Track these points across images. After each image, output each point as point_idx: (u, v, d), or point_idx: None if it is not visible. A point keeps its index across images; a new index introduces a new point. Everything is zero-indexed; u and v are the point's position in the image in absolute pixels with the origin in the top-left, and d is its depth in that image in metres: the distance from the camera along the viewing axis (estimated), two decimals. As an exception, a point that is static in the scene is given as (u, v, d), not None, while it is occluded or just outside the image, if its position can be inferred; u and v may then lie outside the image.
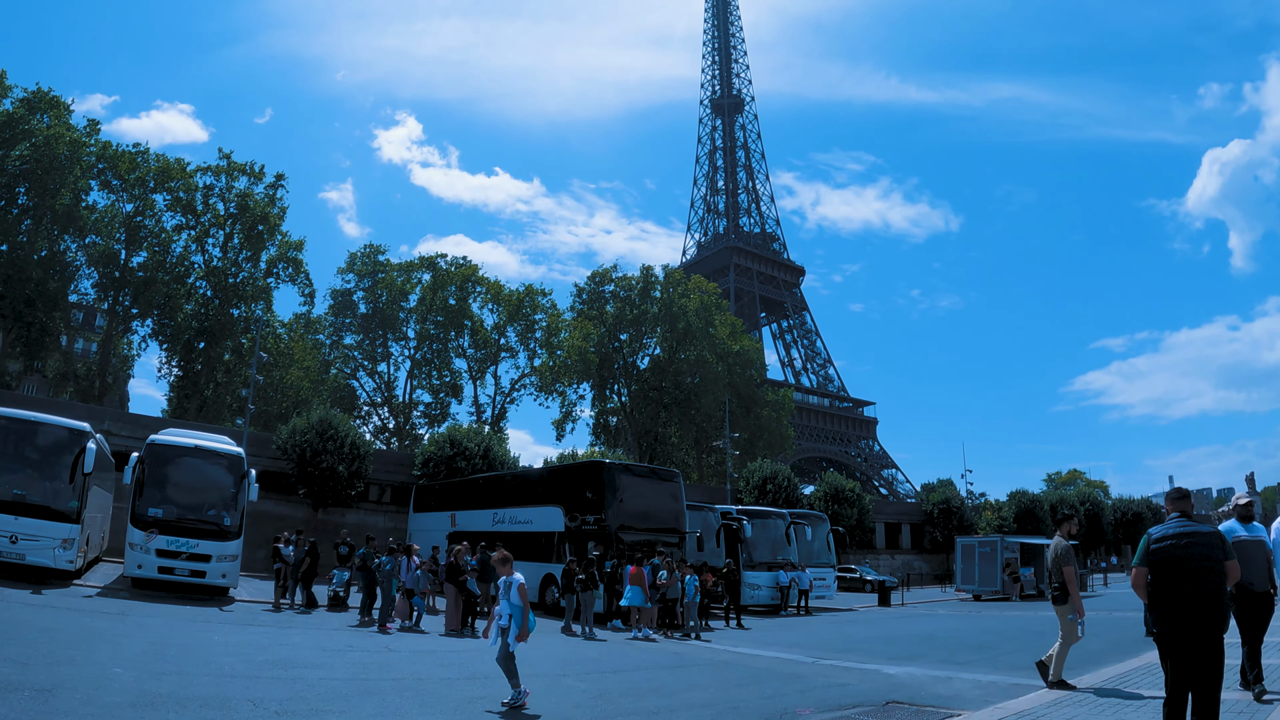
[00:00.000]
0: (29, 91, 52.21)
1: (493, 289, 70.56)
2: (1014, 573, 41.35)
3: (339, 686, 11.13)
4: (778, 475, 54.51)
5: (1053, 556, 11.40)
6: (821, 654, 16.67)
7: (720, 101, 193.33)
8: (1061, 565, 11.20)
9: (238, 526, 23.26)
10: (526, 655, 15.84)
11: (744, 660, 15.81)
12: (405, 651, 15.84)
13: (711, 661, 15.57)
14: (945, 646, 18.82)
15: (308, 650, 14.74)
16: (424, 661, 14.78)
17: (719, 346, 72.65)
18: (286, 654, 13.86)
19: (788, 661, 15.55)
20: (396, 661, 14.35)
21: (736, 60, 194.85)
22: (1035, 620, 27.35)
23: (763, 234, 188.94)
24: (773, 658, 16.11)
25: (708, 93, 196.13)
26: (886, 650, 17.93)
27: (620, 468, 26.71)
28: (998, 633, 22.91)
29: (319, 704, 9.57)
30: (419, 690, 11.46)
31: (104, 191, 57.18)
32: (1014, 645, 18.86)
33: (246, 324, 60.88)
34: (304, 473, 40.16)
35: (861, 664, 14.84)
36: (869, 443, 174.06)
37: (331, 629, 19.23)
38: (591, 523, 24.55)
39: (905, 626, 25.91)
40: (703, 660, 15.80)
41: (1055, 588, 11.32)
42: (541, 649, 17.31)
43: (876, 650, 17.87)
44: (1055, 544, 11.43)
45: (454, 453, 42.10)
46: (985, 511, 73.74)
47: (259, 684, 10.60)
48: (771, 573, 31.39)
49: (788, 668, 14.61)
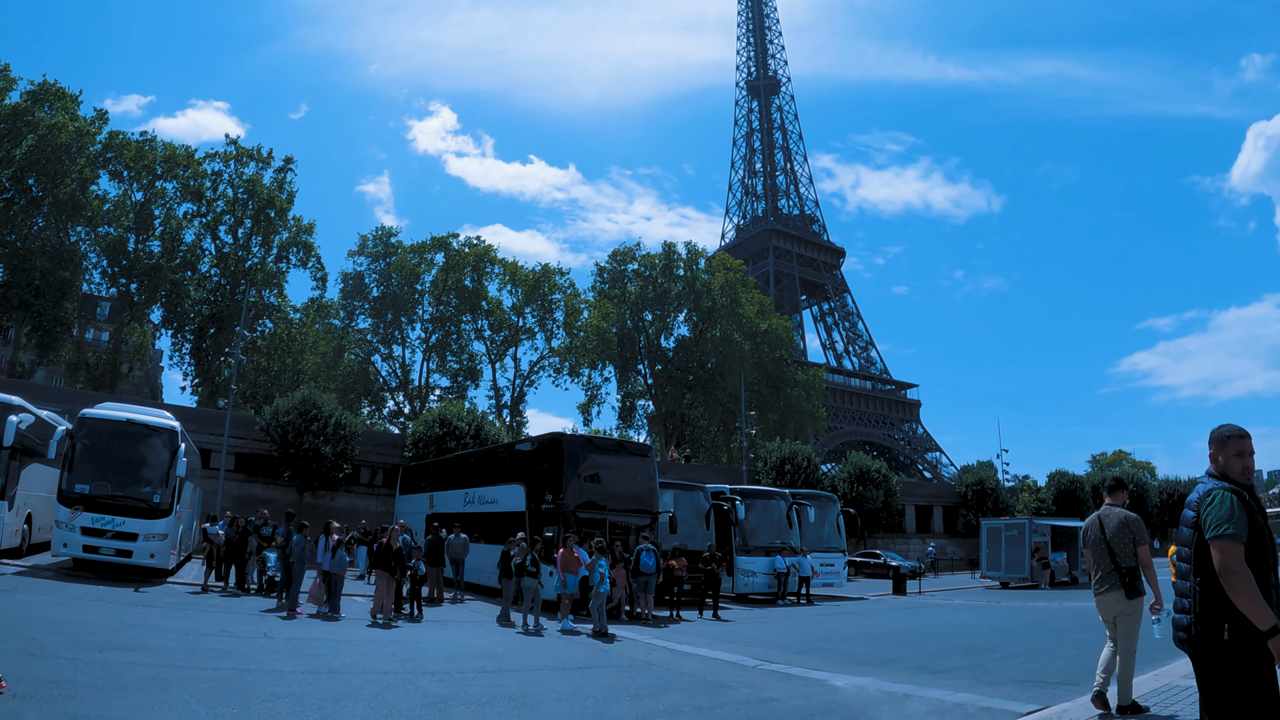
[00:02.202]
0: (35, 84, 51.81)
1: (509, 269, 68.81)
2: (1043, 558, 38.26)
3: (123, 671, 9.86)
4: (797, 455, 51.76)
5: (1117, 532, 8.50)
6: (776, 655, 14.17)
7: (756, 83, 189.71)
8: (1136, 544, 8.42)
9: (169, 504, 22.09)
10: (416, 648, 14.22)
11: (672, 662, 13.42)
12: (279, 639, 14.14)
13: (629, 663, 13.22)
14: (933, 647, 16.18)
15: (167, 634, 13.36)
16: (275, 650, 13.07)
17: (746, 325, 70.13)
18: (128, 636, 12.64)
19: (725, 665, 13.12)
20: (244, 649, 12.79)
21: (771, 42, 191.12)
22: (1057, 614, 24.45)
23: (802, 216, 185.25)
24: (710, 660, 13.69)
25: (743, 75, 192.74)
26: (859, 651, 15.38)
27: (581, 441, 24.31)
28: (1006, 630, 20.02)
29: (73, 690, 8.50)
30: (217, 680, 10.00)
31: (114, 181, 56.91)
32: (1017, 647, 16.19)
33: (257, 310, 60.07)
34: (287, 455, 38.51)
35: (812, 671, 12.35)
36: (912, 426, 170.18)
37: (237, 612, 17.60)
38: (550, 502, 22.38)
39: (904, 620, 23.13)
40: (619, 661, 13.45)
41: (1124, 575, 8.42)
42: (445, 640, 15.42)
43: (847, 652, 15.27)
44: (1120, 517, 8.59)
45: (444, 432, 40.17)
46: (1023, 493, 70.15)
47: (48, 664, 9.65)
48: (768, 558, 28.62)
49: (718, 673, 12.23)
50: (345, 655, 12.91)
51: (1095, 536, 8.76)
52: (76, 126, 51.76)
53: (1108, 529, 8.62)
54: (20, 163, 49.72)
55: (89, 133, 53.07)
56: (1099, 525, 8.75)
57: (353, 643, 14.44)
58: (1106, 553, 8.58)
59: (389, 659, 12.76)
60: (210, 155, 59.72)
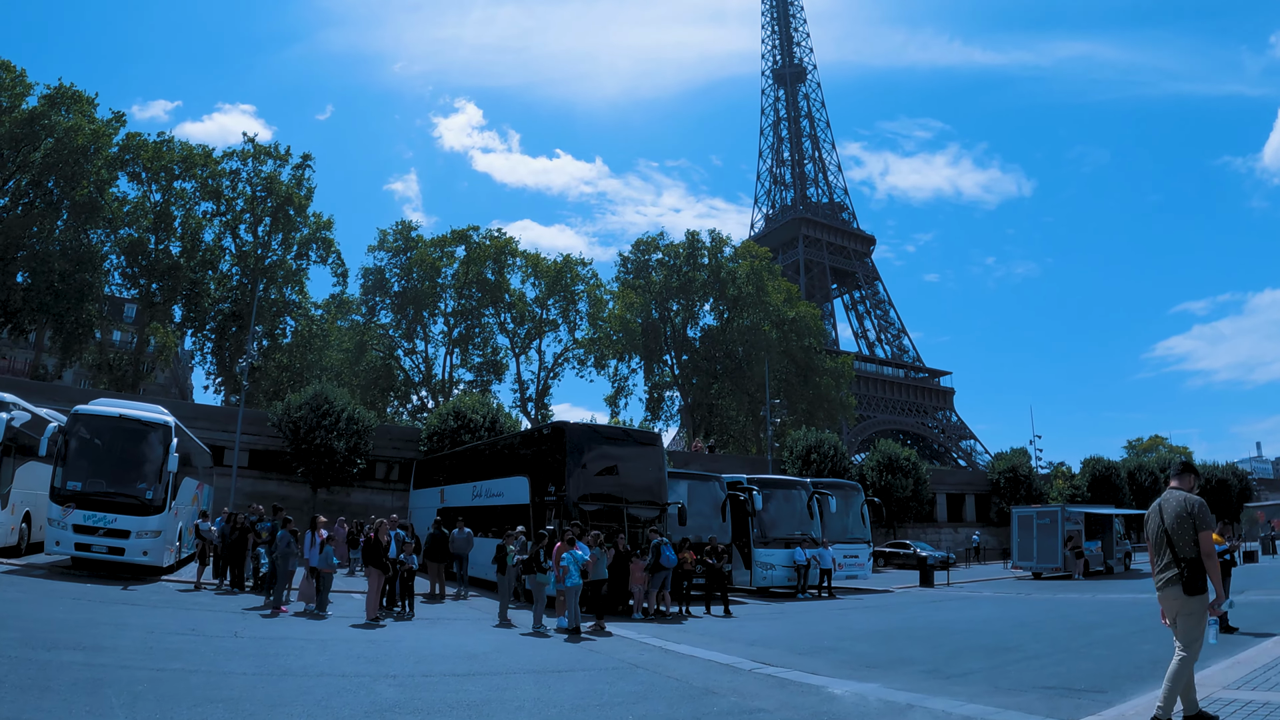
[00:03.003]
0: (51, 88, 51.89)
1: (530, 260, 68.03)
2: (1076, 547, 36.80)
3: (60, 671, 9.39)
4: (823, 444, 50.47)
5: (1176, 518, 7.52)
6: (778, 657, 13.07)
7: (782, 71, 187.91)
8: (1198, 530, 7.38)
9: (162, 500, 21.60)
10: (391, 648, 13.42)
11: (662, 665, 12.41)
12: (248, 638, 13.52)
13: (614, 666, 12.24)
14: (952, 646, 14.96)
15: (131, 633, 12.72)
16: (236, 650, 12.42)
17: (774, 313, 68.92)
18: (88, 635, 12.07)
19: (718, 669, 12.05)
20: (204, 650, 12.08)
21: (796, 29, 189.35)
22: (1089, 607, 23.05)
23: (831, 204, 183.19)
24: (704, 662, 12.64)
25: (768, 63, 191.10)
26: (870, 652, 14.23)
27: (585, 430, 23.27)
28: (1032, 626, 18.69)
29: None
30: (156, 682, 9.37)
31: (133, 183, 57.03)
32: (1042, 645, 14.90)
33: (279, 307, 59.98)
34: (299, 450, 38.01)
35: (811, 676, 11.29)
36: (946, 414, 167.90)
37: (219, 611, 17.02)
38: (552, 494, 21.50)
39: (925, 615, 21.87)
40: (605, 664, 12.45)
41: (1183, 568, 7.37)
42: (426, 640, 14.62)
43: (856, 652, 14.11)
44: (1180, 501, 7.57)
45: (458, 425, 39.44)
46: (1056, 480, 68.20)
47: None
48: (787, 550, 27.55)
49: (708, 678, 11.19)
50: (310, 656, 12.19)
51: (1155, 524, 7.79)
52: (93, 129, 51.76)
53: (1167, 516, 7.65)
54: (38, 166, 49.76)
55: (106, 135, 53.02)
56: (1159, 512, 7.78)
57: (325, 642, 13.68)
58: (1166, 543, 7.60)
59: (355, 660, 12.03)
60: (228, 154, 59.87)
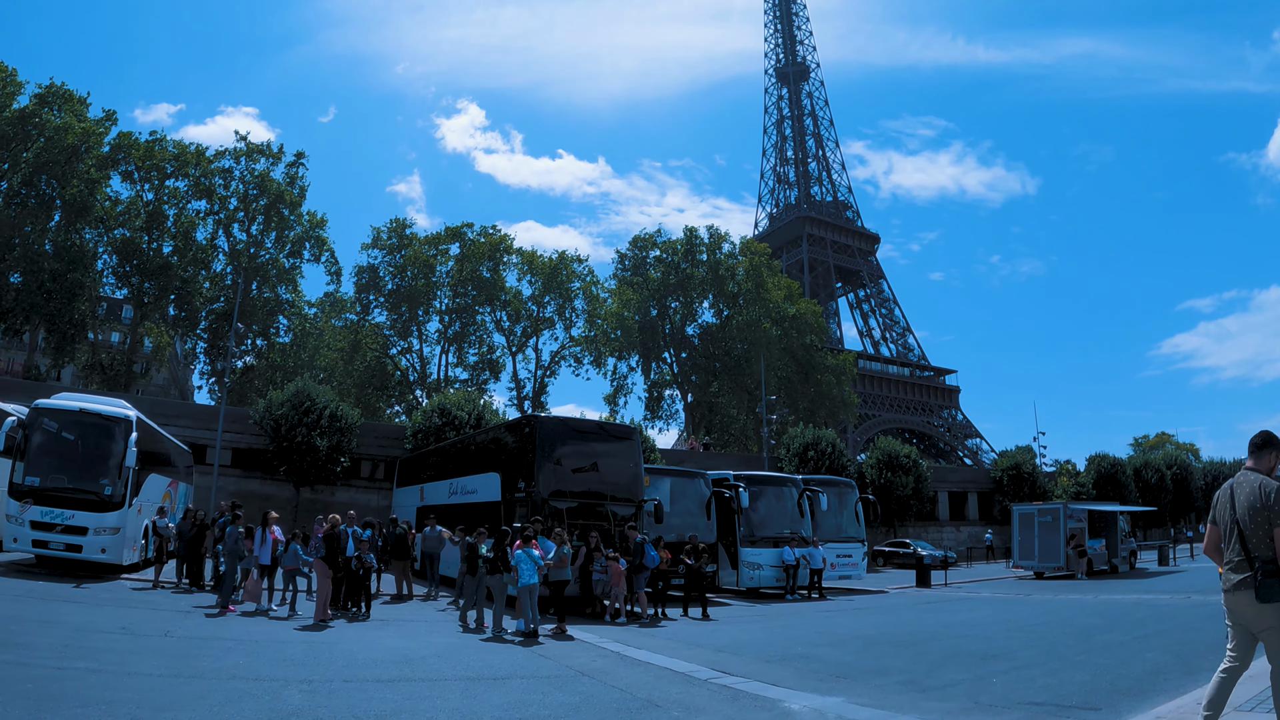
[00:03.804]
0: (42, 87, 51.48)
1: (526, 258, 67.19)
2: (1079, 545, 35.71)
3: None
4: (820, 441, 49.43)
5: (1250, 508, 6.13)
6: (742, 665, 12.03)
7: (785, 70, 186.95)
8: (1273, 525, 6.00)
9: (122, 496, 21.04)
10: (326, 650, 12.74)
11: (611, 673, 11.39)
12: (178, 638, 12.92)
13: (558, 674, 11.26)
14: (936, 653, 13.88)
15: (56, 631, 12.22)
16: (156, 650, 11.78)
17: (774, 310, 67.94)
18: (6, 633, 11.51)
19: (671, 678, 11.02)
20: (122, 648, 11.50)
21: (799, 28, 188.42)
22: (1090, 609, 21.89)
23: (835, 202, 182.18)
24: (659, 670, 11.65)
25: (771, 62, 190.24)
26: (846, 659, 13.16)
27: (556, 423, 22.36)
28: (1026, 630, 17.55)
29: None
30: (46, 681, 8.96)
31: (126, 183, 56.53)
32: (1034, 653, 13.79)
33: (272, 306, 59.41)
34: (280, 449, 37.25)
35: (771, 688, 10.26)
36: (952, 412, 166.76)
37: (163, 609, 16.36)
38: (522, 490, 20.62)
39: (915, 618, 20.83)
40: (550, 672, 11.46)
41: (1257, 569, 5.96)
42: (367, 643, 13.76)
43: (831, 660, 13.03)
44: (1255, 486, 6.16)
45: (443, 422, 38.44)
46: (1061, 477, 67.06)
47: None
48: (776, 549, 26.48)
49: (656, 689, 10.19)
50: (232, 658, 11.44)
51: (1225, 511, 6.42)
52: (84, 128, 51.22)
53: (1239, 503, 6.25)
54: (30, 166, 49.37)
55: (96, 134, 52.54)
56: (1229, 497, 6.39)
57: (257, 644, 12.95)
58: (1237, 536, 6.22)
59: (279, 664, 11.23)
60: (221, 153, 59.33)
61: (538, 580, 15.53)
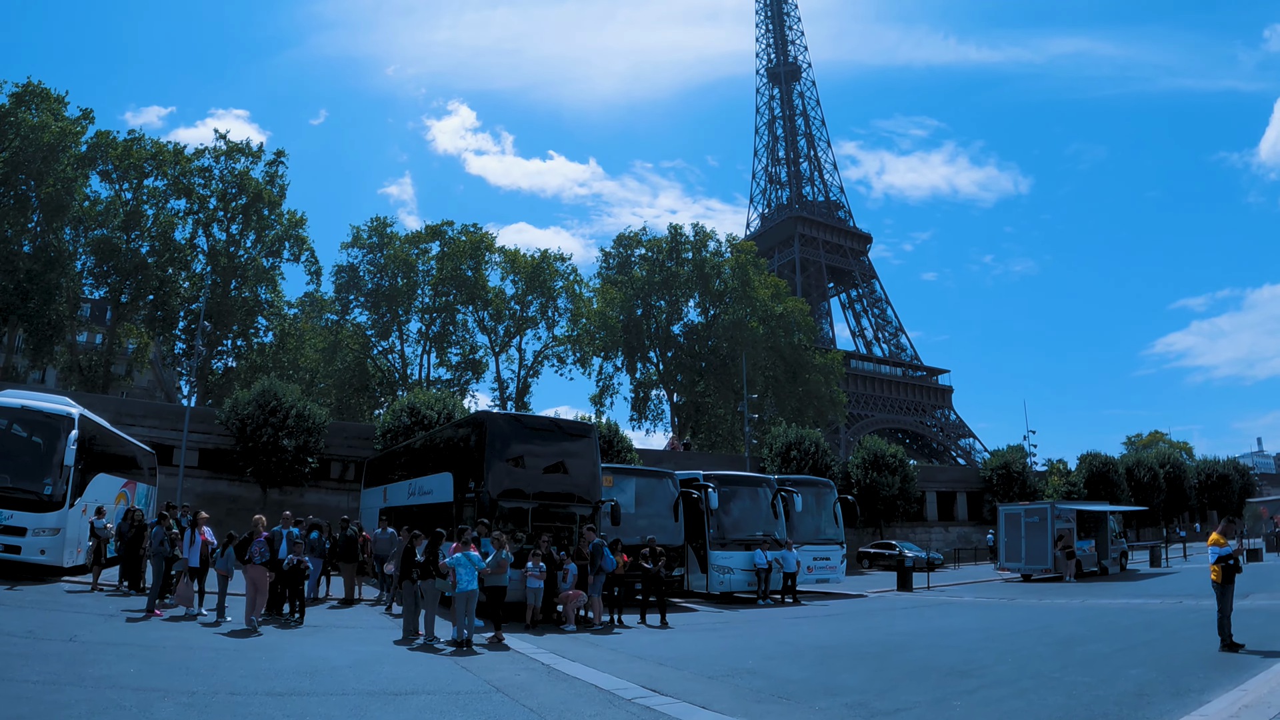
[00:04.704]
0: (19, 86, 50.74)
1: (509, 256, 66.23)
2: (1068, 546, 34.73)
3: None
4: (804, 441, 48.48)
5: None
6: (679, 682, 11.10)
7: (776, 70, 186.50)
8: None
9: (63, 495, 20.38)
10: (233, 658, 12.05)
11: (529, 690, 10.39)
12: (82, 643, 12.32)
13: (474, 690, 10.27)
14: (899, 668, 12.79)
15: None
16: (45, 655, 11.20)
17: (760, 308, 67.01)
18: None
19: (592, 696, 10.09)
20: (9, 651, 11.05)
21: (790, 28, 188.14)
22: (1075, 615, 20.90)
23: (827, 202, 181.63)
24: (584, 686, 10.69)
25: (763, 62, 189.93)
26: (795, 676, 12.02)
27: (507, 420, 21.34)
28: (1004, 639, 16.49)
29: None
30: None
31: (105, 183, 55.91)
32: (1007, 668, 12.63)
33: (250, 306, 58.51)
34: (246, 449, 36.30)
35: (700, 711, 9.23)
36: (945, 412, 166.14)
37: (85, 613, 15.78)
38: (472, 490, 19.68)
39: (886, 626, 19.78)
40: (464, 687, 10.47)
41: None
42: (283, 651, 12.94)
43: (778, 676, 11.90)
44: None
45: (413, 422, 37.42)
46: (1052, 477, 66.13)
47: None
48: (747, 552, 25.39)
49: (568, 711, 9.16)
50: (125, 665, 10.79)
51: None
52: (60, 127, 50.48)
53: None
54: (5, 166, 48.58)
55: (73, 133, 51.76)
56: None
57: (161, 650, 12.31)
58: None
59: (173, 673, 10.52)
60: (199, 152, 58.54)
61: (476, 586, 14.56)
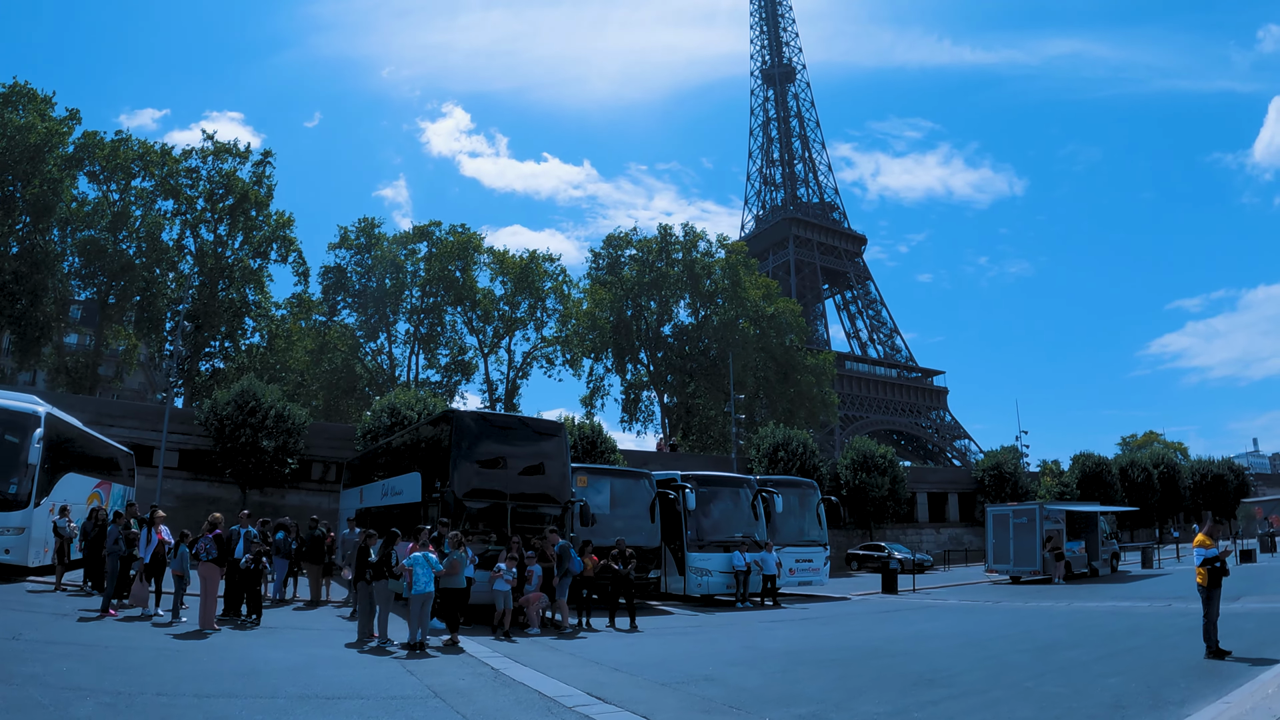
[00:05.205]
0: (6, 86, 50.46)
1: (497, 257, 65.87)
2: (1056, 548, 34.31)
3: None
4: (791, 441, 48.08)
5: None
6: (629, 690, 10.66)
7: (771, 71, 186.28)
8: None
9: (27, 494, 20.20)
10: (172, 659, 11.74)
11: (469, 696, 9.99)
12: (25, 641, 12.09)
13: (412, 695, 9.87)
14: (864, 677, 12.12)
15: None
16: None
17: (751, 309, 66.58)
18: None
19: (535, 704, 9.66)
20: None
21: (785, 29, 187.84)
22: (1059, 619, 20.45)
23: (821, 204, 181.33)
24: (529, 693, 10.26)
25: (757, 64, 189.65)
26: (753, 685, 11.38)
27: (474, 418, 20.84)
28: (980, 645, 15.95)
29: None
30: None
31: (93, 183, 55.43)
32: (978, 676, 12.02)
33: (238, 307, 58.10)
34: (225, 450, 35.93)
35: None
36: (940, 413, 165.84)
37: (38, 612, 15.70)
38: (438, 489, 19.29)
39: (863, 631, 19.40)
40: (403, 692, 10.03)
41: None
42: (230, 653, 12.69)
43: (736, 685, 11.28)
44: None
45: (393, 422, 36.92)
46: (1044, 477, 65.72)
47: None
48: (725, 554, 24.94)
49: None
50: (60, 664, 10.58)
51: None
52: (47, 127, 50.07)
53: None
54: (-14, 167, 48.11)
55: (60, 133, 51.31)
56: None
57: (103, 649, 12.11)
58: None
59: (108, 673, 10.27)
60: (187, 152, 58.19)
61: (433, 588, 14.18)
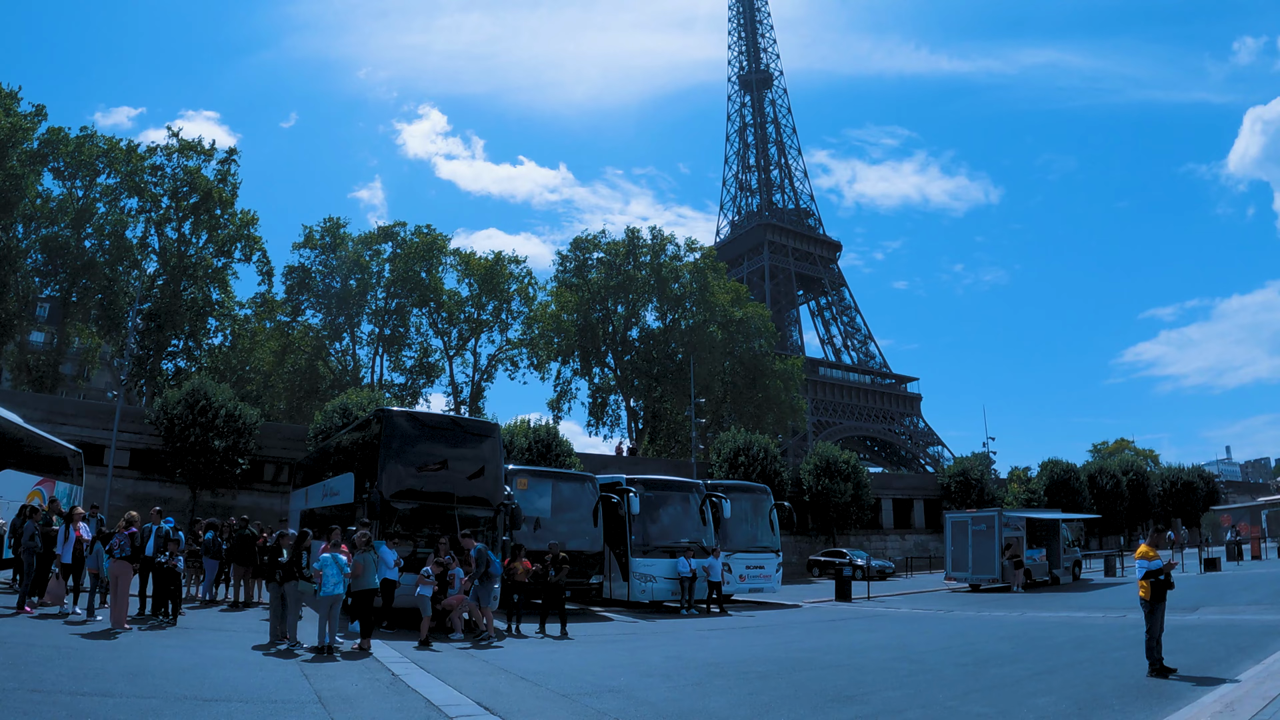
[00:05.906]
0: (-31, 82, 49.52)
1: (463, 258, 65.35)
2: (1015, 555, 33.98)
3: None
4: (752, 446, 47.79)
5: None
6: (529, 700, 10.31)
7: (748, 77, 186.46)
8: None
9: None
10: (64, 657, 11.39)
11: (358, 703, 9.62)
12: None
13: (288, 701, 9.50)
14: (777, 691, 11.60)
15: None
16: None
17: (720, 313, 66.29)
18: None
19: (423, 713, 9.30)
20: None
21: (763, 36, 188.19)
22: (1006, 630, 20.13)
23: (797, 210, 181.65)
24: (416, 702, 9.78)
25: (735, 69, 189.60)
26: (660, 699, 10.83)
27: (404, 418, 20.36)
28: (917, 660, 15.39)
29: None
30: None
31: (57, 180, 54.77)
32: (902, 694, 11.48)
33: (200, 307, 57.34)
34: (175, 449, 35.30)
35: None
36: (913, 420, 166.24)
37: None
38: (367, 490, 18.85)
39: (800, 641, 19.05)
40: (279, 696, 9.69)
41: None
42: (127, 653, 12.37)
43: (642, 698, 10.78)
44: None
45: (344, 423, 36.41)
46: (1012, 484, 65.68)
47: None
48: (671, 560, 24.62)
49: None
50: None
51: None
52: (11, 122, 49.34)
53: None
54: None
55: (24, 128, 50.58)
56: None
57: (4, 645, 11.79)
58: None
59: None
60: (152, 149, 57.61)
61: (343, 590, 13.77)
